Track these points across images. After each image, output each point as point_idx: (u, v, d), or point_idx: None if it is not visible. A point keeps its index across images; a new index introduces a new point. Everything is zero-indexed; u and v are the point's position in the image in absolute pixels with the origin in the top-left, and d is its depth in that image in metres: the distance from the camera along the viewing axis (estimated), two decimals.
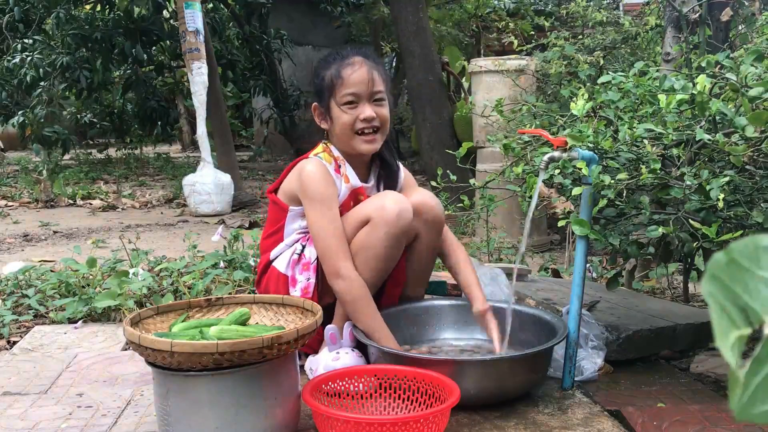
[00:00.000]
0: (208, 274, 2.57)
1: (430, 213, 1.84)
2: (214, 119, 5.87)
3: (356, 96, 1.78)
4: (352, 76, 1.77)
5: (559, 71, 3.54)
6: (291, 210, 1.84)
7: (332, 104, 1.80)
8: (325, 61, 1.85)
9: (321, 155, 1.83)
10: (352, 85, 1.77)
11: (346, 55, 1.82)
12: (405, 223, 1.71)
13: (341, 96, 1.78)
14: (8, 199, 5.79)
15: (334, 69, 1.80)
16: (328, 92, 1.80)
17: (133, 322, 1.43)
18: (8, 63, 7.01)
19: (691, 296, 2.55)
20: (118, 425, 1.53)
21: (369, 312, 1.70)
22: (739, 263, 0.37)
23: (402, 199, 1.74)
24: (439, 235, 1.89)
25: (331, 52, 1.88)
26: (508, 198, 2.90)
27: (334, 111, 1.80)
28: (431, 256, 1.92)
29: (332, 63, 1.82)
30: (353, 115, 1.78)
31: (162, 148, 10.86)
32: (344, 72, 1.78)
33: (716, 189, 1.42)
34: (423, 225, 1.84)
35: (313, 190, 1.74)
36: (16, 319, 2.32)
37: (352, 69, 1.78)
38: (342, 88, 1.77)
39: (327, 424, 1.32)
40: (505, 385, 1.60)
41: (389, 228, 1.69)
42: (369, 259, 1.71)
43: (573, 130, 1.61)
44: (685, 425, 1.51)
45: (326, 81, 1.80)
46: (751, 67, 1.50)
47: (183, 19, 5.17)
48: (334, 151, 1.85)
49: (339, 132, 1.81)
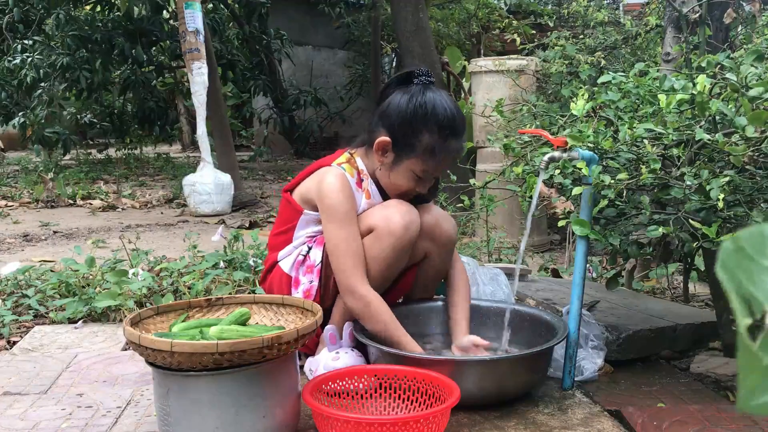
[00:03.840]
0: (208, 274, 2.57)
1: (444, 236, 1.81)
2: (214, 119, 5.87)
3: (428, 175, 1.74)
4: (446, 162, 1.73)
5: (560, 71, 3.54)
6: (305, 214, 1.80)
7: (408, 162, 1.70)
8: (431, 119, 1.66)
9: (344, 166, 1.76)
10: (436, 170, 1.73)
11: (454, 132, 1.69)
12: (411, 236, 1.69)
13: (421, 169, 1.70)
14: (8, 199, 5.79)
15: (438, 142, 1.67)
16: (415, 153, 1.69)
17: (133, 322, 1.43)
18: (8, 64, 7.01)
19: (691, 296, 2.55)
20: (118, 425, 1.53)
21: (390, 326, 1.66)
22: (744, 251, 0.37)
23: (410, 211, 1.70)
24: (450, 255, 1.86)
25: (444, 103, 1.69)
26: (508, 198, 2.90)
27: (404, 168, 1.71)
28: (439, 276, 1.90)
29: (438, 130, 1.67)
30: (414, 186, 1.74)
31: (162, 148, 10.86)
32: (444, 156, 1.69)
33: (716, 189, 1.42)
34: (435, 247, 1.81)
35: (331, 204, 1.68)
36: (16, 319, 2.32)
37: (449, 156, 1.71)
38: (430, 166, 1.70)
39: (327, 424, 1.32)
40: (505, 385, 1.60)
41: (394, 240, 1.67)
42: (371, 269, 1.69)
43: (573, 130, 1.61)
44: (685, 425, 1.51)
45: (422, 145, 1.67)
46: (751, 67, 1.50)
47: (183, 19, 5.17)
48: (359, 163, 1.79)
49: (391, 182, 1.75)
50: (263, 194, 6.32)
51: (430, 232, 1.78)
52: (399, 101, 1.69)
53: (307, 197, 1.78)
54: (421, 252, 1.81)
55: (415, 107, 1.67)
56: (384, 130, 1.71)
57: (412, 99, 1.68)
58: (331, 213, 1.68)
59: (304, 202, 1.80)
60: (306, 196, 1.79)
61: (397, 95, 1.71)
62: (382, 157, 1.73)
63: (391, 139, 1.70)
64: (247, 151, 10.50)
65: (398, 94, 1.71)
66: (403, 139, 1.69)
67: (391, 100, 1.72)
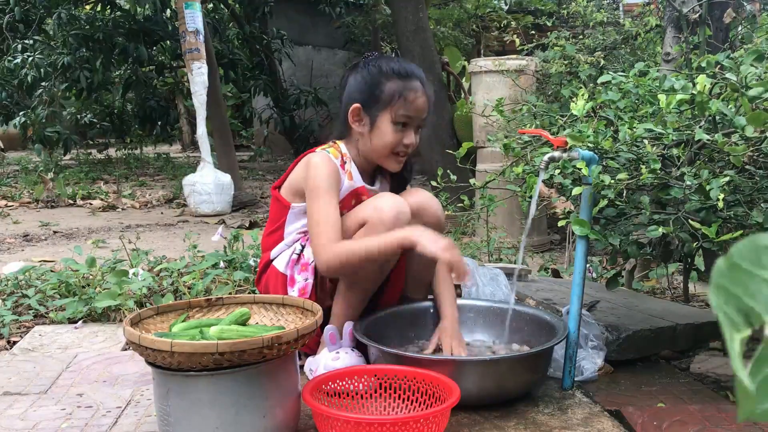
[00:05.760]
0: (208, 274, 2.57)
1: (430, 214, 1.83)
2: (214, 119, 5.87)
3: (410, 120, 1.79)
4: (416, 102, 1.78)
5: (560, 71, 3.54)
6: (293, 207, 1.84)
7: (383, 116, 1.79)
8: (386, 71, 1.80)
9: (329, 150, 1.84)
10: (413, 110, 1.78)
11: (410, 74, 1.80)
12: (402, 225, 1.70)
13: (399, 115, 1.77)
14: (8, 199, 5.79)
15: (398, 84, 1.78)
16: (385, 104, 1.78)
17: (133, 322, 1.43)
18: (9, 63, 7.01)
19: (691, 296, 2.55)
20: (118, 425, 1.53)
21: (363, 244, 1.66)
22: (739, 266, 0.37)
23: (399, 201, 1.73)
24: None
25: (392, 60, 1.84)
26: (508, 198, 2.90)
27: (382, 122, 1.79)
28: (431, 262, 1.91)
29: (395, 77, 1.79)
30: (399, 137, 1.79)
31: (162, 148, 10.86)
32: (409, 94, 1.77)
33: (716, 189, 1.42)
34: (423, 227, 1.83)
35: (318, 179, 1.74)
36: (16, 319, 2.32)
37: (416, 94, 1.78)
38: (402, 109, 1.77)
39: (327, 424, 1.32)
40: (505, 385, 1.60)
41: (386, 230, 1.67)
42: (367, 264, 1.69)
43: (573, 130, 1.61)
44: (685, 425, 1.51)
45: (386, 93, 1.78)
46: (751, 67, 1.50)
47: (183, 19, 5.17)
48: (342, 148, 1.86)
49: (377, 143, 1.80)
50: (263, 194, 6.32)
51: (417, 213, 1.80)
52: (354, 78, 1.84)
53: (296, 185, 1.83)
54: None
55: (368, 70, 1.81)
56: (356, 104, 1.82)
57: (363, 68, 1.83)
58: (316, 188, 1.74)
59: (293, 193, 1.84)
60: (295, 185, 1.83)
61: (351, 77, 1.85)
62: (360, 126, 1.82)
63: (361, 104, 1.80)
64: (247, 151, 10.50)
65: (351, 76, 1.85)
66: (369, 99, 1.79)
67: (347, 83, 1.86)
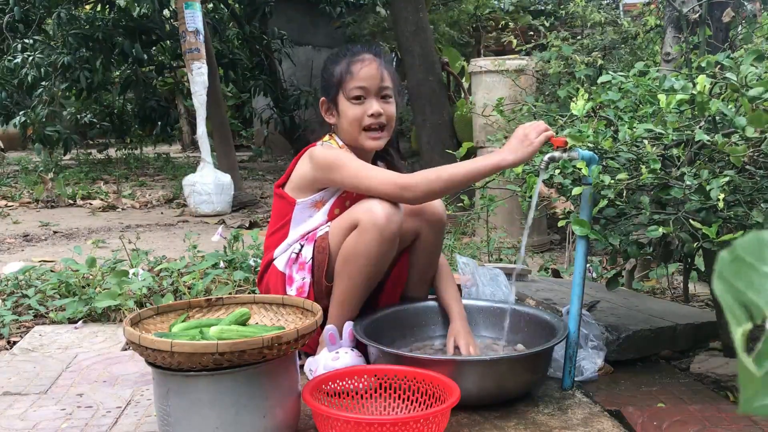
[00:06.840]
0: (208, 274, 2.57)
1: (431, 212, 1.83)
2: (214, 119, 5.87)
3: (364, 90, 1.81)
4: (362, 71, 1.80)
5: (558, 71, 3.54)
6: (299, 203, 1.84)
7: (340, 98, 1.83)
8: (335, 56, 1.88)
9: (328, 142, 1.87)
10: (361, 79, 1.80)
11: (356, 51, 1.86)
12: (395, 225, 1.69)
13: (350, 90, 1.81)
14: (8, 199, 5.79)
15: (344, 63, 1.83)
16: (337, 86, 1.83)
17: (133, 322, 1.43)
18: (9, 63, 7.01)
19: (691, 296, 2.55)
20: (118, 425, 1.53)
21: (457, 170, 1.66)
22: (743, 260, 0.38)
23: (391, 204, 1.71)
24: (441, 233, 1.88)
25: (342, 48, 1.92)
26: (508, 198, 2.90)
27: (341, 105, 1.83)
28: (433, 255, 1.90)
29: (342, 58, 1.85)
30: (361, 110, 1.80)
31: (162, 148, 10.85)
32: (354, 67, 1.81)
33: (716, 189, 1.42)
34: (424, 224, 1.83)
35: (332, 155, 1.76)
36: (16, 319, 2.32)
37: (362, 64, 1.81)
38: (351, 82, 1.80)
39: (327, 424, 1.32)
40: (505, 385, 1.60)
41: (379, 231, 1.66)
42: (360, 264, 1.69)
43: (573, 130, 1.61)
44: (685, 425, 1.51)
45: (335, 75, 1.83)
46: (751, 67, 1.50)
47: (183, 19, 5.17)
48: (338, 140, 1.88)
49: (346, 126, 1.83)
50: (263, 194, 6.32)
51: (419, 210, 1.80)
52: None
53: (302, 179, 1.83)
54: (411, 233, 1.82)
55: (325, 64, 1.91)
56: (321, 97, 1.91)
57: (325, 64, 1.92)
58: (336, 162, 1.75)
59: (299, 189, 1.84)
60: (301, 179, 1.84)
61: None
62: (331, 117, 1.88)
63: (325, 96, 1.89)
64: (247, 151, 10.49)
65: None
66: (327, 88, 1.86)
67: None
